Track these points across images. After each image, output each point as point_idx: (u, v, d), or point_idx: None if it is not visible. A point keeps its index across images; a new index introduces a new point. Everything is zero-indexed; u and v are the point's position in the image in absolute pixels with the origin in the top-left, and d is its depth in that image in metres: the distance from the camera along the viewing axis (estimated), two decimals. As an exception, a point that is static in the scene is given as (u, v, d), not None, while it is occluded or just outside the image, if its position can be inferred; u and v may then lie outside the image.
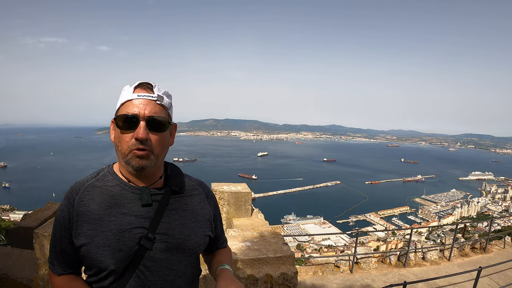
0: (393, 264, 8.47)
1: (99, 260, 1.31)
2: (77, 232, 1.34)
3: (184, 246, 1.44)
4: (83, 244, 1.32)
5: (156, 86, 1.39)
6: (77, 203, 1.37)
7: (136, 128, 1.31)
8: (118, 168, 1.47)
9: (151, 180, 1.44)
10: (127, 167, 1.37)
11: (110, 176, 1.44)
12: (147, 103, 1.34)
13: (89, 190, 1.40)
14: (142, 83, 1.38)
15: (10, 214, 62.72)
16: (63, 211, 1.39)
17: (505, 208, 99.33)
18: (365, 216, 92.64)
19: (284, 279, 3.36)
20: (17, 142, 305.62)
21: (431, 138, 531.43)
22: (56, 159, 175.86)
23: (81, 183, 1.43)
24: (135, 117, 1.31)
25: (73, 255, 1.40)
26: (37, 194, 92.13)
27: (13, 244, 5.59)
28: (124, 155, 1.34)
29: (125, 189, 1.40)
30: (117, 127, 1.35)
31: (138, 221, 1.37)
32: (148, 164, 1.35)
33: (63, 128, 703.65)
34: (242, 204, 5.72)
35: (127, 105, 1.34)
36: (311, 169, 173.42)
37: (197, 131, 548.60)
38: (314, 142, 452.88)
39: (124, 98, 1.35)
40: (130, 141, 1.32)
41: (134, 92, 1.35)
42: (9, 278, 4.49)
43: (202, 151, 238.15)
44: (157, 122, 1.34)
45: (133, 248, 1.33)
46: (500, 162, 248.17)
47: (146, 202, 1.39)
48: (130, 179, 1.42)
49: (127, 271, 1.34)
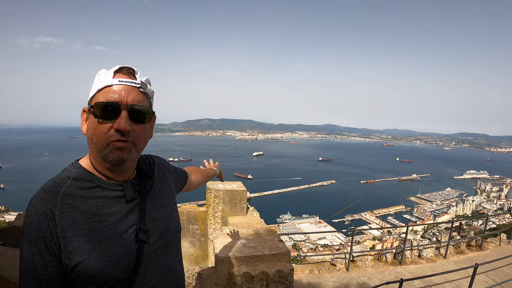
0: (389, 262, 8.47)
1: (103, 274, 1.15)
2: (67, 250, 1.13)
3: (172, 227, 1.41)
4: (79, 262, 1.13)
5: (138, 72, 1.24)
6: (59, 216, 1.14)
7: (116, 118, 1.15)
8: (89, 164, 1.28)
9: (130, 172, 1.33)
10: (104, 162, 1.22)
11: (86, 176, 1.24)
12: (130, 90, 1.18)
13: (68, 198, 1.17)
14: (123, 67, 1.22)
15: (5, 215, 62.46)
16: (41, 231, 1.12)
17: (500, 206, 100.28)
18: (360, 215, 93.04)
19: (280, 276, 3.34)
20: (11, 142, 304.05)
21: (426, 137, 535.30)
22: (51, 159, 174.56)
23: (53, 191, 1.18)
24: (116, 105, 1.15)
25: (61, 282, 1.17)
26: (31, 195, 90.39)
27: (6, 244, 5.53)
28: (100, 149, 1.18)
29: (106, 189, 1.25)
30: (93, 117, 1.17)
31: (130, 218, 1.26)
32: (129, 158, 1.21)
33: (58, 128, 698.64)
34: (237, 202, 5.69)
35: (106, 91, 1.17)
36: (307, 168, 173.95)
37: (192, 131, 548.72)
38: (309, 141, 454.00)
39: (102, 84, 1.18)
40: (108, 132, 1.16)
41: (114, 77, 1.18)
42: (3, 277, 4.44)
43: (197, 151, 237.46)
44: (140, 112, 1.20)
45: (134, 247, 1.24)
46: (495, 161, 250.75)
47: (130, 198, 1.28)
48: (108, 175, 1.26)
49: (133, 275, 1.24)
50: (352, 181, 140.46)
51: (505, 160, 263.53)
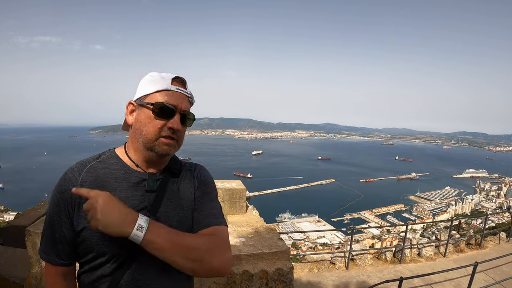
0: (388, 260, 8.48)
1: (101, 244, 1.28)
2: (79, 214, 1.29)
3: (182, 227, 1.42)
4: (85, 227, 1.28)
5: (187, 83, 1.46)
6: (80, 184, 1.31)
7: (170, 118, 1.35)
8: (122, 151, 1.46)
9: (160, 167, 1.47)
10: (148, 152, 1.38)
11: (114, 160, 1.43)
12: (183, 97, 1.40)
13: (92, 171, 1.36)
14: (178, 76, 1.42)
15: (4, 215, 62.22)
16: (63, 193, 1.31)
17: (499, 205, 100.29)
18: (360, 214, 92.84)
19: (279, 274, 3.34)
20: (10, 142, 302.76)
21: (425, 136, 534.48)
22: (50, 159, 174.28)
23: (83, 164, 1.39)
24: (174, 108, 1.35)
25: (71, 243, 1.34)
26: (31, 194, 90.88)
27: (5, 243, 5.53)
28: (149, 141, 1.35)
29: (128, 173, 1.40)
30: (150, 112, 1.35)
31: (140, 204, 1.36)
32: (172, 152, 1.40)
33: (57, 128, 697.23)
34: (236, 201, 5.68)
35: (165, 94, 1.36)
36: (306, 167, 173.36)
37: (191, 130, 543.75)
38: (309, 140, 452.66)
39: (161, 86, 1.36)
40: (161, 128, 1.34)
41: (172, 84, 1.38)
42: (2, 277, 4.44)
43: (196, 150, 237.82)
44: (188, 117, 1.41)
45: None
46: (494, 160, 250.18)
47: (151, 188, 1.40)
48: (139, 163, 1.43)
49: (129, 254, 1.31)
50: (351, 180, 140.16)
51: (504, 159, 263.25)
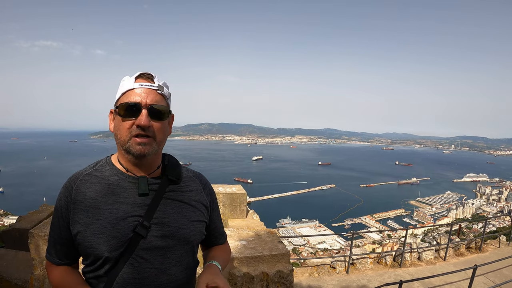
0: (388, 264, 8.49)
1: (94, 248, 1.34)
2: (73, 219, 1.37)
3: (179, 234, 1.45)
4: (79, 232, 1.36)
5: (156, 77, 1.43)
6: (75, 191, 1.39)
7: (138, 116, 1.34)
8: (116, 158, 1.50)
9: (150, 169, 1.47)
10: (127, 155, 1.40)
11: (108, 166, 1.47)
12: (149, 92, 1.37)
13: (87, 179, 1.43)
14: (143, 73, 1.41)
15: (4, 219, 62.18)
16: (61, 200, 1.42)
17: (500, 209, 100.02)
18: (360, 219, 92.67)
19: (280, 276, 3.37)
20: (10, 146, 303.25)
21: (426, 141, 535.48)
22: (50, 163, 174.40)
23: (79, 173, 1.47)
24: (137, 105, 1.34)
25: (70, 245, 1.43)
26: (31, 199, 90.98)
27: (7, 246, 5.55)
28: (124, 143, 1.36)
29: (122, 178, 1.43)
30: (118, 116, 1.37)
31: (134, 210, 1.39)
32: (150, 151, 1.37)
33: (57, 132, 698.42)
34: (237, 205, 5.70)
35: (128, 94, 1.37)
36: (306, 172, 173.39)
37: (191, 135, 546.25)
38: (309, 145, 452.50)
39: (125, 88, 1.38)
40: (130, 128, 1.35)
41: (135, 82, 1.38)
42: (4, 279, 4.47)
43: (196, 155, 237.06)
44: (158, 110, 1.38)
45: (128, 235, 1.35)
46: (494, 164, 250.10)
47: (143, 191, 1.42)
48: (129, 168, 1.45)
49: (122, 258, 1.35)
50: (351, 185, 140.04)
51: (504, 163, 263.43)
